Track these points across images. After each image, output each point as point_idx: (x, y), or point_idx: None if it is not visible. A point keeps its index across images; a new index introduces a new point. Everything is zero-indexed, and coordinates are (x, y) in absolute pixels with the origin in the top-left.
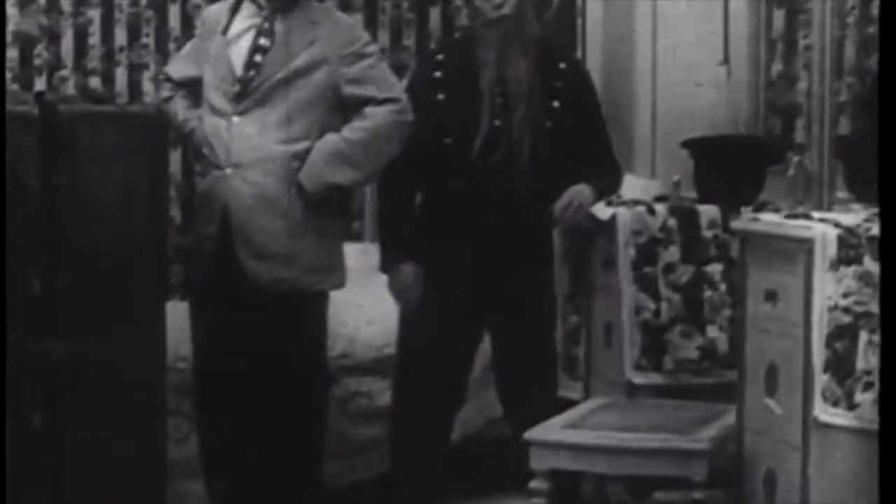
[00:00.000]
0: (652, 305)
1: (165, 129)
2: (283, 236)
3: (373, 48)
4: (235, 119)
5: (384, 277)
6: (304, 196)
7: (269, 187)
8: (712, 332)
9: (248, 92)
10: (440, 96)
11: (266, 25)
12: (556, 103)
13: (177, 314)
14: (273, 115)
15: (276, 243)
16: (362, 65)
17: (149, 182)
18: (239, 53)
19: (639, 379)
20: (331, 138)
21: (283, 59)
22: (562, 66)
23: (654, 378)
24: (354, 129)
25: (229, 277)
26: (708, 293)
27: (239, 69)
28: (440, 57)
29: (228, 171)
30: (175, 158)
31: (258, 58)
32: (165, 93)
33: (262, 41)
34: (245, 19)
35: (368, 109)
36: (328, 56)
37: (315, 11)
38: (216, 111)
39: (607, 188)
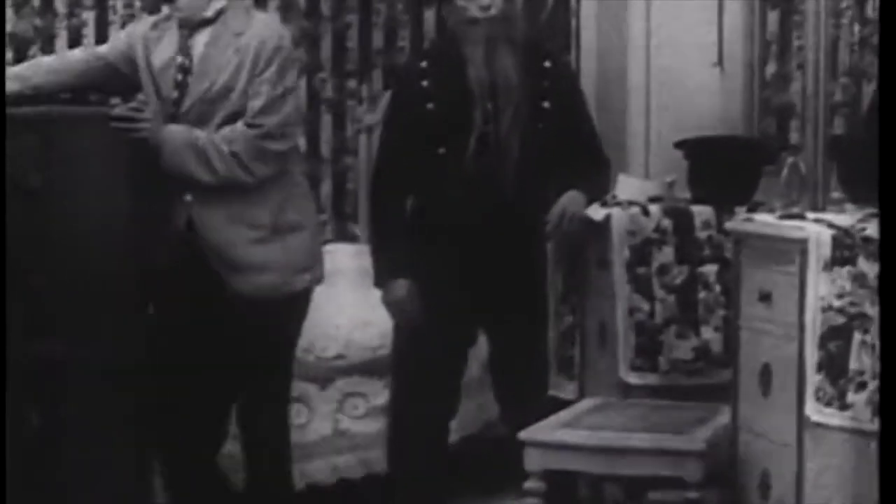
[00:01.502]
0: (646, 306)
1: None
2: (247, 247)
3: (284, 56)
4: None
5: None
6: (156, 154)
7: (226, 206)
8: (706, 332)
9: (181, 113)
10: (429, 106)
11: (185, 43)
12: (545, 104)
13: None
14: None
15: (241, 254)
16: (265, 75)
17: (144, 182)
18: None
19: (633, 379)
20: (198, 134)
21: (208, 76)
22: (547, 64)
23: (649, 378)
24: (217, 139)
25: (200, 279)
26: (702, 294)
27: (168, 90)
28: (424, 64)
29: (187, 197)
30: None
31: (179, 77)
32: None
33: (180, 59)
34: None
35: (238, 126)
36: (246, 66)
37: (240, 20)
38: None
39: (598, 190)
